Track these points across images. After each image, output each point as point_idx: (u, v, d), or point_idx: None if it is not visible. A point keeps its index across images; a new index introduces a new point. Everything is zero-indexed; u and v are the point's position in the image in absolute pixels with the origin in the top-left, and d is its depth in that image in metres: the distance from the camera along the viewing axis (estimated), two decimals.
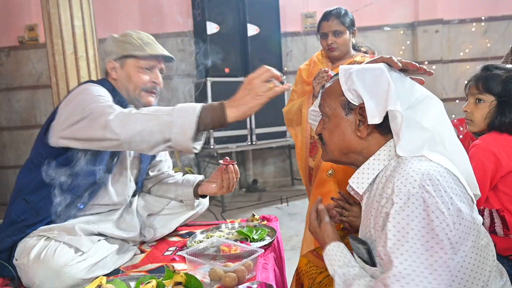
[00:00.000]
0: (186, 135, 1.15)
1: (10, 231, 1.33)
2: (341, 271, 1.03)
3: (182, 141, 1.16)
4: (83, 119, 1.25)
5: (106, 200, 1.46)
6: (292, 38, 5.40)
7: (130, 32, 1.50)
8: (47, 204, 1.32)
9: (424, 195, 0.86)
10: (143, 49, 1.46)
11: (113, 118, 1.20)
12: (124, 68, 1.48)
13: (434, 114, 1.01)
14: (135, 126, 1.17)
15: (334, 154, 1.10)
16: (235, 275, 1.17)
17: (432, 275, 0.84)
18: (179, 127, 1.15)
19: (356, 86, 1.01)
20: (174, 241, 1.63)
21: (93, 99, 1.30)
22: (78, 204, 1.37)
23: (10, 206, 1.37)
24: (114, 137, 1.19)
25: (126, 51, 1.46)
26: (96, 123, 1.22)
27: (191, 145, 1.17)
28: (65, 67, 2.94)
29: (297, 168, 5.55)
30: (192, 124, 1.15)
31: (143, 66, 1.47)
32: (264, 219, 1.78)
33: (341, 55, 2.13)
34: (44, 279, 1.20)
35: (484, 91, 1.48)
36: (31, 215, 1.33)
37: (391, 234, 0.87)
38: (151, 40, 1.51)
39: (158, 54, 1.48)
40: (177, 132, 1.15)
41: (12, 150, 5.41)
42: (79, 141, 1.28)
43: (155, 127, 1.17)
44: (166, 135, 1.16)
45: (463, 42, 5.23)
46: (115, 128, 1.18)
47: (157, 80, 1.51)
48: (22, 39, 5.22)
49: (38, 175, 1.31)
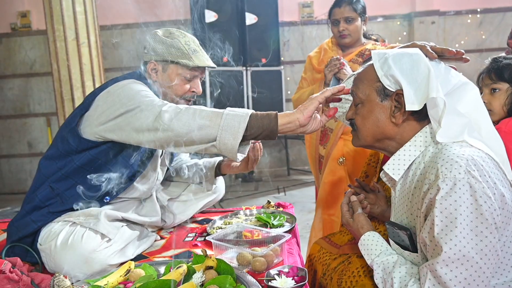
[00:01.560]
0: (235, 137, 1.12)
1: (35, 216, 1.31)
2: (379, 259, 1.04)
3: (228, 143, 1.13)
4: (131, 111, 1.22)
5: (131, 194, 1.47)
6: (289, 27, 5.39)
7: (177, 34, 1.43)
8: (73, 194, 1.31)
9: (470, 181, 0.86)
10: (190, 57, 1.40)
11: (166, 110, 1.18)
12: (166, 73, 1.42)
13: (470, 100, 1.02)
14: (187, 120, 1.15)
15: (367, 140, 1.10)
16: (265, 259, 1.18)
17: (482, 260, 0.85)
18: (229, 127, 1.12)
19: (393, 72, 1.00)
20: (192, 228, 1.64)
21: (139, 93, 1.27)
22: (104, 199, 1.37)
23: (34, 191, 1.35)
24: (164, 127, 1.16)
25: (173, 57, 1.39)
26: (147, 113, 1.19)
27: (237, 148, 1.13)
28: (67, 53, 2.88)
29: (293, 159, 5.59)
30: (243, 125, 1.12)
31: (187, 76, 1.42)
32: (280, 206, 1.79)
33: (352, 42, 2.12)
34: (73, 265, 1.20)
35: (498, 80, 1.52)
36: (56, 201, 1.32)
37: (438, 220, 0.87)
38: (197, 47, 1.44)
39: (205, 65, 1.43)
40: (226, 131, 1.12)
41: (5, 139, 5.31)
42: (124, 131, 1.24)
43: (206, 123, 1.14)
44: (214, 133, 1.13)
45: (459, 34, 5.29)
46: (166, 119, 1.16)
47: (197, 90, 1.47)
48: (15, 26, 5.10)
49: (67, 164, 1.30)
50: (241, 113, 1.14)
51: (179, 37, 1.41)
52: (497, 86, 1.52)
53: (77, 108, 1.38)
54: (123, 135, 1.25)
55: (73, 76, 2.91)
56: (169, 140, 1.18)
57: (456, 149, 0.92)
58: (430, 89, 0.95)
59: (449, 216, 0.86)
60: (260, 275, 1.15)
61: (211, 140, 1.15)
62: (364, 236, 1.13)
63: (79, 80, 2.94)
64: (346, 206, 1.25)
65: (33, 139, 5.33)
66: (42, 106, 5.25)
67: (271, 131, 1.16)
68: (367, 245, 1.11)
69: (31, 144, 5.33)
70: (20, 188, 5.31)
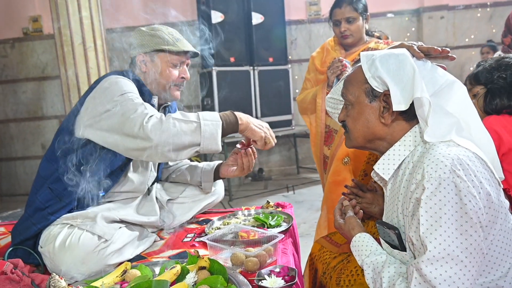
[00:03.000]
0: (215, 140, 1.32)
1: (35, 218, 1.35)
2: (369, 260, 1.05)
3: (211, 145, 1.32)
4: (112, 111, 1.28)
5: (127, 187, 1.49)
6: (297, 26, 5.39)
7: (160, 27, 1.53)
8: (70, 191, 1.35)
9: (455, 180, 0.87)
10: (175, 44, 1.50)
11: (148, 120, 1.26)
12: (155, 62, 1.51)
13: (458, 99, 1.01)
14: (169, 130, 1.26)
15: (358, 141, 1.11)
16: (257, 259, 1.20)
17: (467, 258, 0.85)
18: (209, 133, 1.30)
19: (380, 73, 1.01)
20: (192, 228, 1.66)
21: (122, 92, 1.33)
22: (99, 192, 1.40)
23: (34, 194, 1.40)
24: (146, 138, 1.25)
25: (158, 46, 1.49)
26: (130, 120, 1.27)
27: (219, 147, 1.33)
28: (74, 57, 2.94)
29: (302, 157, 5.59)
30: (219, 131, 1.32)
31: (174, 62, 1.52)
32: (279, 206, 1.80)
33: (354, 42, 2.11)
34: (70, 266, 1.23)
35: (475, 84, 1.60)
36: (55, 202, 1.36)
37: (424, 219, 0.88)
38: (180, 36, 1.55)
39: (189, 50, 1.53)
40: (207, 137, 1.30)
41: (19, 142, 5.44)
42: (104, 132, 1.30)
43: (187, 133, 1.28)
44: (196, 140, 1.30)
45: (469, 28, 5.21)
46: (149, 131, 1.24)
47: (185, 75, 1.57)
48: (27, 30, 5.21)
49: (62, 164, 1.33)
50: (214, 121, 1.34)
51: (162, 29, 1.53)
52: (475, 90, 1.60)
53: (72, 109, 1.44)
54: (105, 134, 1.31)
55: (80, 80, 2.98)
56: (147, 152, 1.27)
57: (442, 149, 0.92)
58: (415, 89, 0.95)
59: (434, 215, 0.87)
60: (253, 275, 1.16)
61: (195, 145, 1.31)
62: (355, 237, 1.14)
63: (86, 84, 3.00)
64: (338, 211, 1.27)
65: (46, 141, 5.44)
66: (54, 108, 5.36)
67: (234, 131, 1.40)
68: (357, 246, 1.12)
69: (44, 146, 5.44)
70: None
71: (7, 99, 5.36)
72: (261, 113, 4.83)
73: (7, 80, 5.31)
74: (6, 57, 5.29)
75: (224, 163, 1.69)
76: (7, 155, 5.42)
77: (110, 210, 1.43)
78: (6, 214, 4.24)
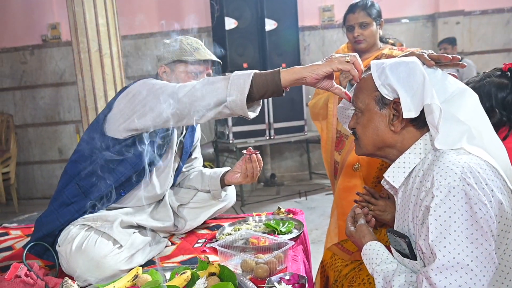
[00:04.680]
0: (242, 93, 1.16)
1: (61, 212, 1.40)
2: (379, 268, 1.04)
3: (237, 99, 1.17)
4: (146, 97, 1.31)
5: (148, 191, 1.54)
6: (310, 32, 5.39)
7: (181, 38, 1.56)
8: (97, 189, 1.39)
9: (465, 188, 0.86)
10: (192, 54, 1.52)
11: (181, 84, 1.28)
12: (174, 73, 1.54)
13: (469, 107, 1.01)
14: (200, 88, 1.22)
15: (368, 149, 1.11)
16: (267, 266, 1.20)
17: (478, 267, 0.84)
18: (236, 86, 1.17)
19: (390, 81, 1.01)
20: (203, 234, 1.68)
21: (152, 83, 1.36)
22: (121, 191, 1.45)
23: (61, 190, 1.44)
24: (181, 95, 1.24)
25: (176, 56, 1.53)
26: (166, 87, 1.29)
27: (245, 104, 1.17)
28: (90, 64, 3.00)
29: (315, 163, 5.57)
30: (248, 81, 1.16)
31: (192, 71, 1.53)
32: (290, 212, 1.80)
33: (368, 48, 2.10)
34: (85, 269, 1.26)
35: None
36: (81, 198, 1.41)
37: (433, 227, 0.87)
38: (199, 45, 1.57)
39: (206, 59, 1.54)
40: (233, 89, 1.17)
41: (37, 146, 5.55)
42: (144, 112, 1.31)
43: (216, 87, 1.20)
44: (222, 95, 1.18)
45: (485, 34, 5.13)
46: (179, 92, 1.25)
47: None
48: (45, 37, 5.33)
49: (91, 164, 1.38)
50: (246, 73, 1.20)
51: (182, 40, 1.56)
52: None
53: (101, 112, 1.47)
54: (145, 118, 1.31)
55: (96, 86, 3.03)
56: (187, 108, 1.24)
57: (452, 157, 0.92)
58: (425, 96, 0.95)
59: (443, 223, 0.86)
60: (262, 282, 1.17)
61: (222, 102, 1.20)
62: (366, 246, 1.13)
63: (102, 90, 3.05)
64: (351, 219, 1.27)
65: (63, 146, 5.54)
66: (71, 114, 5.46)
67: (275, 86, 1.19)
68: (368, 254, 1.11)
69: (61, 151, 5.54)
70: (51, 193, 5.49)
71: (26, 105, 5.48)
72: (274, 118, 4.83)
73: (26, 86, 5.44)
74: (26, 64, 5.42)
75: (231, 170, 1.70)
76: (25, 159, 5.53)
77: (128, 214, 1.47)
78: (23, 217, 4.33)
